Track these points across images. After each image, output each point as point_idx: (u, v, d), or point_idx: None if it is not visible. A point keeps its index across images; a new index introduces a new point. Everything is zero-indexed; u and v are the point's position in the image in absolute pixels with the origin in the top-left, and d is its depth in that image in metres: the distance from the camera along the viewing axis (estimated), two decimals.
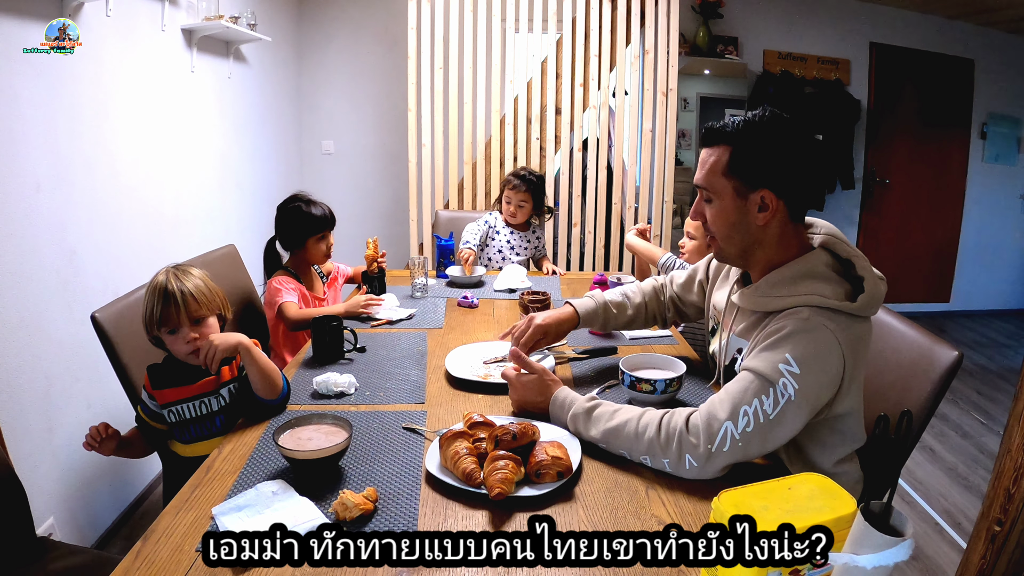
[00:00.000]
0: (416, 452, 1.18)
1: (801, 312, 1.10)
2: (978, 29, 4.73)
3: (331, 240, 2.25)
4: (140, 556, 0.89)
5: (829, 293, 1.11)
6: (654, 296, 1.65)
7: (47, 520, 1.87)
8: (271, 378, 1.32)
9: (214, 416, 1.40)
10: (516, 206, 2.75)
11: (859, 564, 0.67)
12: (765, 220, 1.15)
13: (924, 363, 1.34)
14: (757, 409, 1.05)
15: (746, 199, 1.14)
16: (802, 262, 1.16)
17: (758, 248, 1.19)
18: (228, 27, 2.74)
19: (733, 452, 1.05)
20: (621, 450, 1.13)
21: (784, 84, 4.47)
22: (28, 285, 1.81)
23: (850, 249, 1.18)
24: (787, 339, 1.08)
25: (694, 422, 1.08)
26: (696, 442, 1.06)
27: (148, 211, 2.45)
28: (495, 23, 3.64)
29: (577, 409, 1.19)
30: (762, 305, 1.19)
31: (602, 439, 1.15)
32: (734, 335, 1.30)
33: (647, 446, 1.10)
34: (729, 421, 1.05)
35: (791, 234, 1.18)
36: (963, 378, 3.80)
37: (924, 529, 2.35)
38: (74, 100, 2.01)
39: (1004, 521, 1.33)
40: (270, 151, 3.80)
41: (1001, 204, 5.08)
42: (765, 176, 1.12)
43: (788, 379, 1.05)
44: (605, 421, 1.15)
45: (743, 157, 1.13)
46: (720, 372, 1.37)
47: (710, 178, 1.17)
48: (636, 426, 1.11)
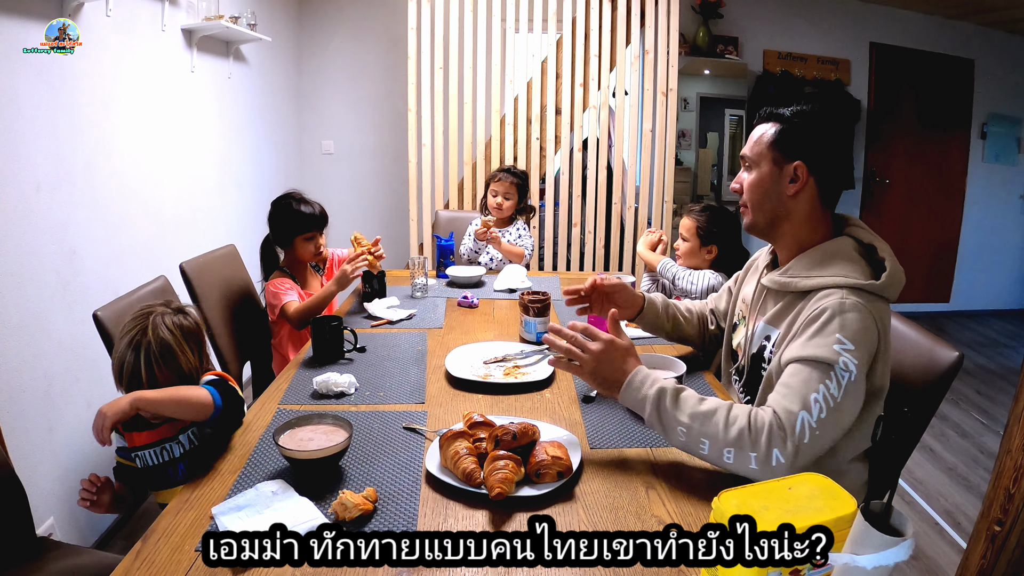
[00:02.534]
0: (416, 452, 1.18)
1: (834, 294, 1.14)
2: (978, 29, 4.73)
3: (321, 240, 2.21)
4: (140, 556, 0.89)
5: (858, 273, 1.17)
6: (700, 305, 1.69)
7: (47, 520, 1.87)
8: (189, 403, 1.19)
9: (176, 463, 1.30)
10: (502, 197, 2.78)
11: (859, 564, 0.67)
12: (795, 191, 1.24)
13: (924, 363, 1.34)
14: (825, 395, 1.06)
15: (781, 169, 1.24)
16: (831, 244, 1.24)
17: (785, 221, 1.27)
18: (228, 27, 2.74)
19: (813, 443, 1.04)
20: (704, 439, 1.06)
21: (784, 84, 4.47)
22: (28, 285, 1.81)
23: (871, 235, 1.26)
24: (831, 321, 1.11)
25: (774, 418, 1.06)
26: (784, 435, 1.04)
27: (148, 211, 2.45)
28: (495, 23, 3.64)
29: (665, 386, 1.12)
30: (794, 285, 1.23)
31: (689, 422, 1.07)
32: (763, 322, 1.32)
33: (736, 437, 1.05)
34: (804, 411, 1.05)
35: (819, 217, 1.26)
36: (963, 378, 3.80)
37: (924, 529, 2.35)
38: (74, 100, 2.01)
39: (1004, 521, 1.33)
40: (270, 151, 3.80)
41: (1001, 204, 5.08)
42: (802, 150, 1.23)
43: (847, 357, 1.07)
44: (693, 405, 1.09)
45: (787, 132, 1.24)
46: (746, 362, 1.37)
47: (755, 148, 1.27)
48: (727, 415, 1.07)
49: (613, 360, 1.15)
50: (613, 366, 1.15)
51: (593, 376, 1.16)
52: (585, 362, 1.16)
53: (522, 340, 1.78)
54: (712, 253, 2.16)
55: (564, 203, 3.79)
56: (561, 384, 1.50)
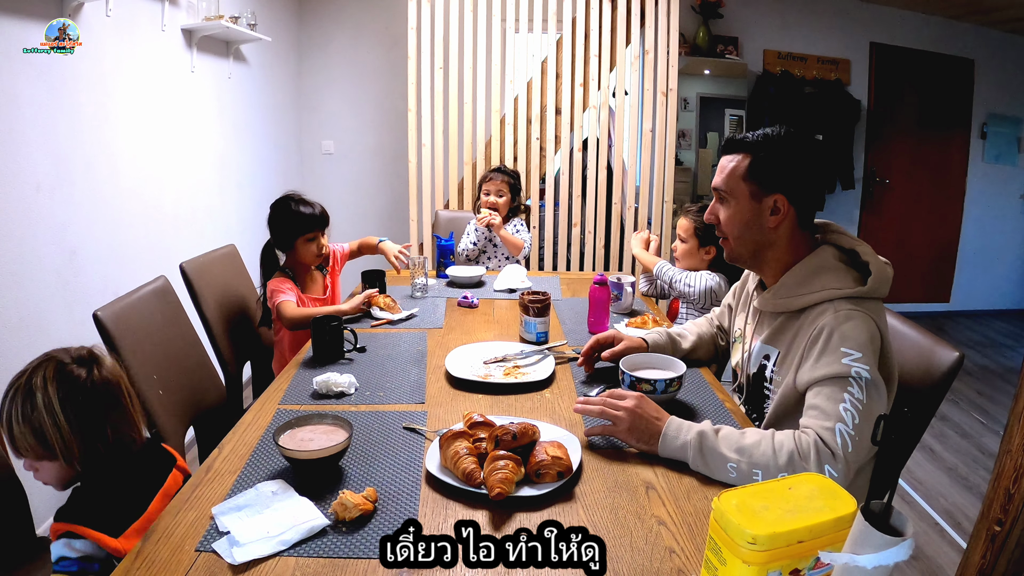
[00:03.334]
0: (416, 452, 1.18)
1: (827, 310, 1.17)
2: (978, 29, 4.73)
3: (323, 241, 2.15)
4: (140, 556, 0.89)
5: (845, 281, 1.19)
6: (707, 325, 1.69)
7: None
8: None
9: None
10: (495, 196, 2.80)
11: (859, 564, 0.67)
12: (776, 223, 1.25)
13: (924, 363, 1.34)
14: (852, 401, 1.09)
15: (760, 202, 1.25)
16: (812, 258, 1.25)
17: (769, 249, 1.28)
18: (228, 27, 2.74)
19: (857, 450, 1.07)
20: (756, 469, 1.07)
21: (784, 84, 4.47)
22: (28, 285, 1.81)
23: (851, 240, 1.27)
24: (831, 337, 1.14)
25: (816, 437, 1.08)
26: (830, 451, 1.06)
27: (148, 211, 2.45)
28: (495, 23, 3.64)
29: (704, 428, 1.13)
30: (784, 306, 1.26)
31: (738, 457, 1.08)
32: (760, 342, 1.34)
33: (787, 462, 1.06)
34: (839, 423, 1.08)
35: (799, 239, 1.28)
36: (963, 378, 3.80)
37: (924, 529, 2.35)
38: (74, 100, 2.01)
39: (1004, 521, 1.33)
40: (270, 151, 3.80)
41: (1001, 204, 5.08)
42: (781, 182, 1.23)
43: (857, 365, 1.10)
44: (737, 439, 1.11)
45: (762, 164, 1.24)
46: (745, 380, 1.41)
47: (729, 181, 1.27)
48: (772, 442, 1.09)
49: (647, 414, 1.18)
50: (647, 420, 1.17)
51: (630, 432, 1.17)
52: (620, 420, 1.18)
53: (522, 340, 1.78)
54: (711, 254, 2.16)
55: (564, 203, 3.79)
56: (561, 384, 1.50)
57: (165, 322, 1.71)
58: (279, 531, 0.92)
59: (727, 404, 1.39)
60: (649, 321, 1.92)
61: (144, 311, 1.63)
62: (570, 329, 1.91)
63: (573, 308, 2.14)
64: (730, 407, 1.38)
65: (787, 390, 1.23)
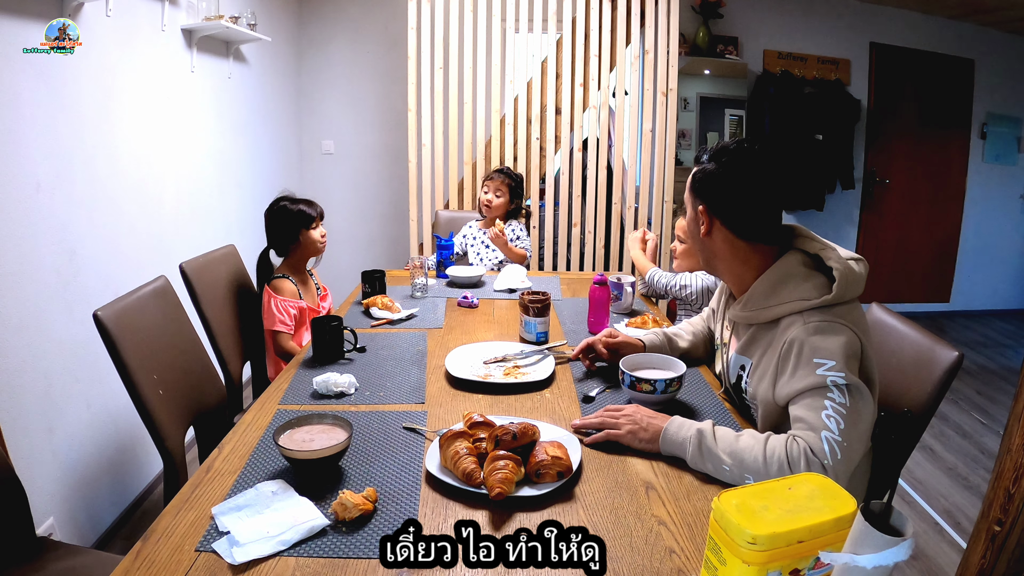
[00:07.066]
0: (416, 452, 1.18)
1: (795, 322, 1.17)
2: (978, 29, 4.73)
3: (323, 229, 2.27)
4: (140, 556, 0.89)
5: (809, 291, 1.19)
6: (702, 324, 1.69)
7: (47, 520, 1.87)
8: None
9: None
10: (493, 194, 2.81)
11: (859, 564, 0.67)
12: (704, 232, 1.28)
13: (924, 363, 1.34)
14: (834, 407, 1.09)
15: (696, 211, 1.29)
16: (777, 268, 1.24)
17: (715, 259, 1.31)
18: (228, 27, 2.74)
19: (846, 455, 1.06)
20: (748, 474, 1.08)
21: (784, 84, 4.47)
22: (28, 285, 1.81)
23: (816, 244, 1.26)
24: (802, 350, 1.14)
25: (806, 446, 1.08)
26: (818, 460, 1.06)
27: (148, 211, 2.45)
28: (495, 23, 3.64)
29: (703, 427, 1.14)
30: (753, 318, 1.27)
31: (731, 461, 1.09)
32: (736, 353, 1.34)
33: (777, 470, 1.06)
34: (824, 431, 1.07)
35: (745, 250, 1.27)
36: (963, 378, 3.80)
37: (924, 529, 2.35)
38: (74, 100, 2.01)
39: (1004, 521, 1.33)
40: (270, 151, 3.80)
41: (1001, 204, 5.08)
42: (704, 194, 1.27)
43: (832, 374, 1.10)
44: (731, 442, 1.11)
45: (696, 176, 1.29)
46: (728, 389, 1.42)
47: (685, 191, 1.33)
48: (764, 449, 1.09)
49: (646, 414, 1.21)
50: (647, 421, 1.20)
51: (633, 435, 1.19)
52: (621, 424, 1.21)
53: (522, 340, 1.78)
54: None
55: (564, 203, 3.79)
56: (561, 384, 1.50)
57: (165, 322, 1.71)
58: (279, 531, 0.92)
59: (727, 404, 1.39)
60: (649, 321, 1.92)
61: (144, 311, 1.63)
62: (570, 329, 1.91)
63: (573, 308, 2.14)
64: (730, 407, 1.38)
65: (768, 405, 1.22)
